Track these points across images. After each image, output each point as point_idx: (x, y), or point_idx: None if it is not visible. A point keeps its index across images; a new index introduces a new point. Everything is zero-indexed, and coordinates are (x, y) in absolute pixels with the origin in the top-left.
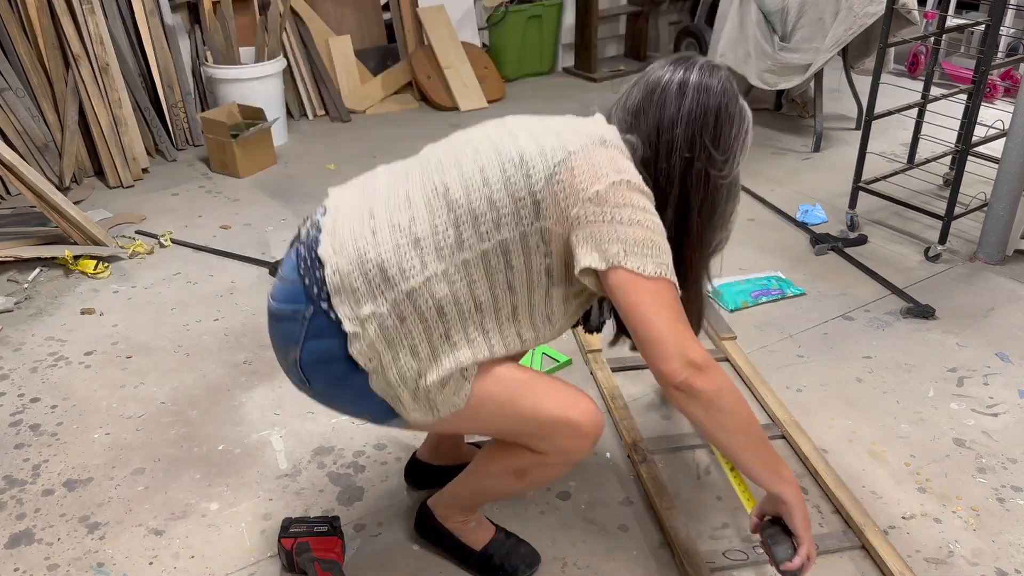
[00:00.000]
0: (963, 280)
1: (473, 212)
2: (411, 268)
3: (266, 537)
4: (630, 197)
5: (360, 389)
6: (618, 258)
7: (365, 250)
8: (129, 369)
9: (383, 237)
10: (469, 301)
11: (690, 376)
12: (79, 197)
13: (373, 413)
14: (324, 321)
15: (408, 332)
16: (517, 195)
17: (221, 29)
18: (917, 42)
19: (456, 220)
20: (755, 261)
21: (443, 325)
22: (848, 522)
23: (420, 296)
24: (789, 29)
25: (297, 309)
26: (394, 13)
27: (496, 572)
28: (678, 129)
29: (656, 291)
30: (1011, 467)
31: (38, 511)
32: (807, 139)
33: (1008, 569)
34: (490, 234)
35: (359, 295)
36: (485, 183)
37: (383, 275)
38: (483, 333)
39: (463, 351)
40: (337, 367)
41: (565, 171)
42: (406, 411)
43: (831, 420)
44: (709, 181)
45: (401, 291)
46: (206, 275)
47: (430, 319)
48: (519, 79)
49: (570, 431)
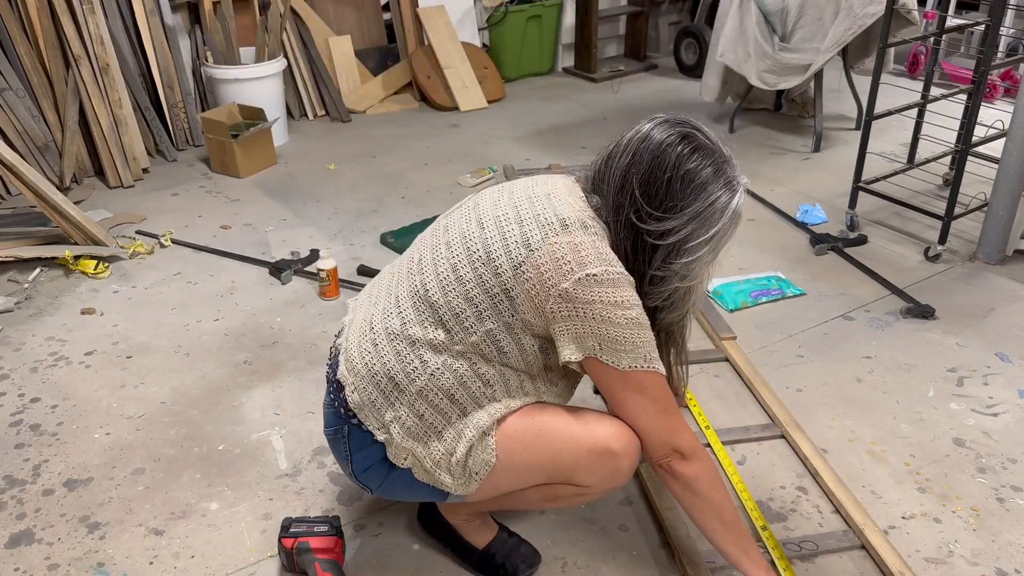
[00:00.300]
0: (963, 280)
1: (454, 310)
2: (414, 370)
3: (266, 537)
4: (597, 293)
5: (409, 481)
6: (593, 351)
7: (372, 364)
8: (129, 369)
9: (383, 348)
10: (476, 382)
11: (672, 460)
12: (79, 197)
13: (431, 495)
14: (359, 433)
15: (430, 425)
16: (491, 291)
17: (221, 29)
18: (917, 42)
19: (440, 319)
20: (755, 261)
21: (458, 408)
22: (848, 522)
23: (430, 391)
24: (789, 29)
25: (338, 430)
26: (394, 13)
27: (497, 571)
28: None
29: (635, 384)
30: (1011, 467)
31: (38, 511)
32: (807, 139)
33: (1008, 569)
34: (474, 327)
35: (378, 406)
36: (459, 282)
37: (392, 383)
38: (495, 401)
39: (481, 417)
40: (383, 468)
41: (530, 267)
42: (450, 489)
43: (831, 420)
44: (633, 229)
45: (412, 393)
46: (206, 275)
47: (444, 407)
48: (519, 79)
49: (607, 459)
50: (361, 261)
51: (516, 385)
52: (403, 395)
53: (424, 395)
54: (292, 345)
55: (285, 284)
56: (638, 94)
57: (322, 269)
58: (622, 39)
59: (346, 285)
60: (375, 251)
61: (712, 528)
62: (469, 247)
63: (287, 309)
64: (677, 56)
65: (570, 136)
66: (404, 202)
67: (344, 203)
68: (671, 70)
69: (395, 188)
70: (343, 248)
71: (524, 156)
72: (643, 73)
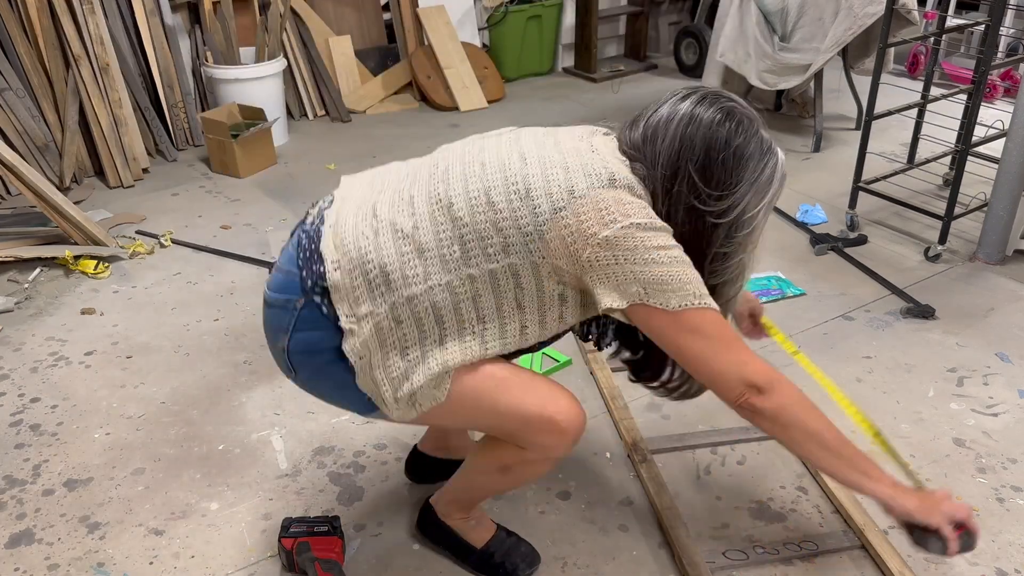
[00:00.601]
0: (963, 280)
1: (479, 233)
2: (414, 275)
3: (266, 537)
4: (641, 238)
5: (344, 381)
6: (639, 296)
7: (366, 250)
8: (129, 369)
9: (385, 240)
10: (472, 313)
11: (750, 397)
12: (79, 197)
13: (356, 405)
14: (315, 313)
15: (403, 335)
16: (524, 229)
17: (221, 29)
18: (917, 42)
19: (461, 237)
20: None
21: (439, 331)
22: (848, 522)
23: (420, 303)
24: (789, 29)
25: (289, 299)
26: (394, 13)
27: (496, 570)
28: (662, 151)
29: (690, 325)
30: (1011, 467)
31: (38, 511)
32: (807, 139)
33: (1008, 569)
34: (498, 256)
35: (358, 294)
36: (491, 207)
37: (385, 278)
38: (481, 341)
39: (453, 354)
40: (323, 358)
41: (571, 215)
42: (387, 407)
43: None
44: (693, 213)
45: (402, 295)
46: (206, 275)
47: (427, 325)
48: (519, 79)
49: (549, 428)
50: None
51: (514, 332)
52: (390, 294)
53: (412, 303)
54: None
55: None
56: (638, 94)
57: None
58: (622, 39)
59: None
60: None
61: (819, 456)
62: (508, 177)
63: None
64: (677, 56)
65: None
66: None
67: None
68: (671, 70)
69: None
70: None
71: None
72: (643, 73)
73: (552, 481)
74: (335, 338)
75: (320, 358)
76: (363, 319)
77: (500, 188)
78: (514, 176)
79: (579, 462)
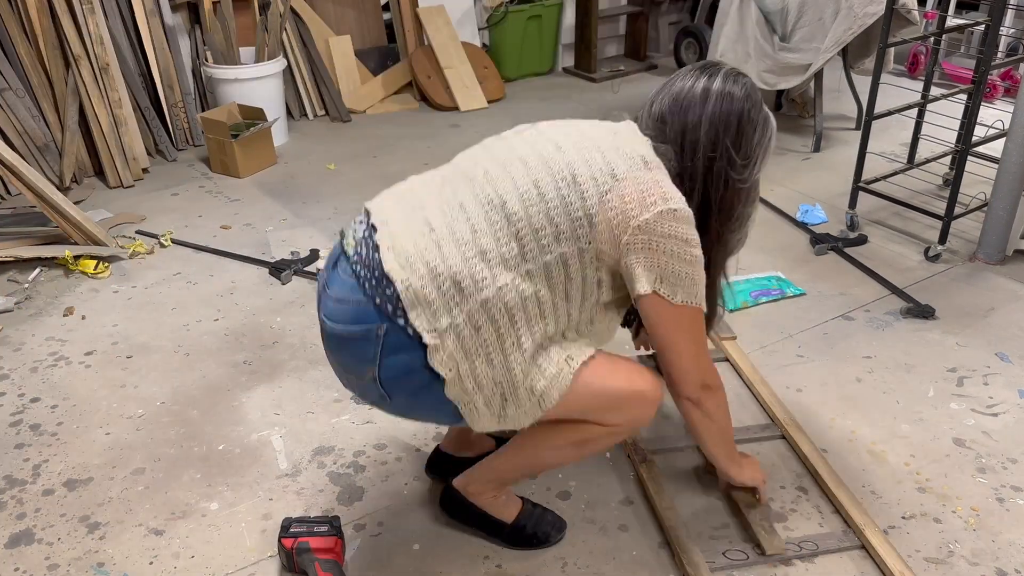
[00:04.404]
0: (963, 280)
1: (533, 226)
2: (483, 279)
3: (266, 537)
4: (675, 228)
5: (439, 397)
6: (655, 284)
7: (435, 264)
8: (129, 369)
9: (449, 250)
10: (535, 308)
11: (702, 396)
12: (79, 197)
13: (449, 418)
14: (399, 336)
15: (484, 341)
16: (574, 215)
17: (221, 29)
18: (917, 42)
19: (517, 233)
20: (755, 261)
21: (515, 332)
22: (848, 522)
23: (494, 305)
24: (789, 29)
25: (369, 328)
26: (394, 13)
27: (530, 540)
28: (701, 131)
29: (680, 318)
30: (1011, 467)
31: (38, 511)
32: (807, 139)
33: (1008, 569)
34: (551, 247)
35: (435, 308)
36: (542, 198)
37: (457, 287)
38: (546, 334)
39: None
40: (417, 378)
41: (616, 197)
42: (478, 415)
43: (831, 420)
44: (729, 183)
45: (476, 301)
46: (206, 275)
47: (503, 326)
48: (519, 79)
49: (639, 401)
50: None
51: (563, 324)
52: (465, 302)
53: (487, 307)
54: (292, 345)
55: (285, 284)
56: (638, 94)
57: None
58: (622, 39)
59: None
60: None
61: (714, 444)
62: (551, 167)
63: (287, 309)
64: (677, 56)
65: None
66: None
67: (344, 203)
68: (671, 70)
69: None
70: None
71: None
72: (643, 73)
73: (552, 481)
74: (424, 356)
75: (414, 378)
76: (445, 332)
77: (547, 179)
78: (557, 165)
79: (579, 462)
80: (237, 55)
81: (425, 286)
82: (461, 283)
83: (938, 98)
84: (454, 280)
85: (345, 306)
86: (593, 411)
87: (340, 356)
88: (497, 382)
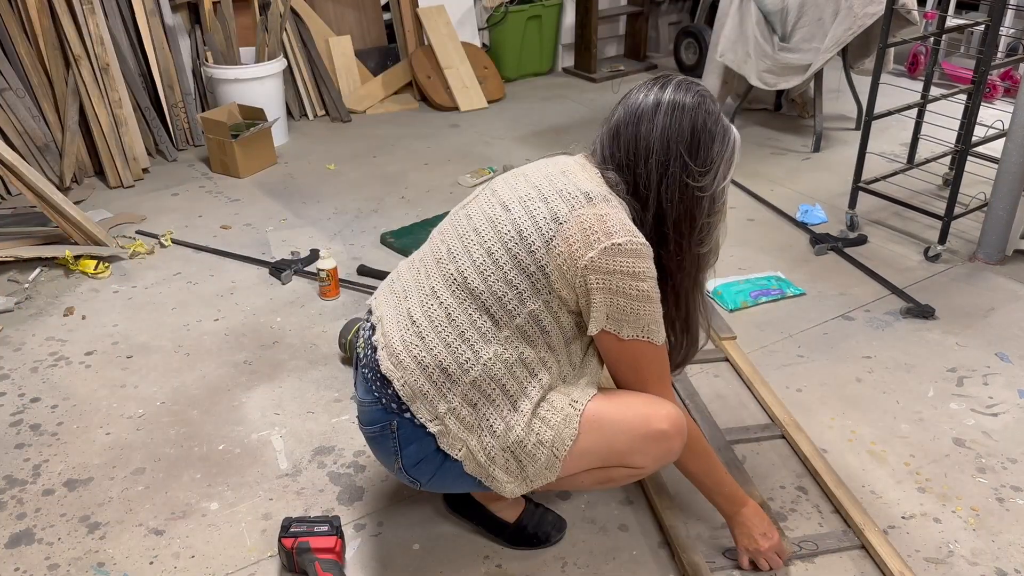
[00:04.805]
0: (963, 280)
1: (496, 295)
2: (467, 360)
3: (266, 537)
4: (620, 263)
5: (461, 473)
6: (603, 323)
7: (422, 356)
8: (129, 369)
9: (431, 340)
10: (522, 370)
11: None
12: (79, 197)
13: (482, 487)
14: (410, 428)
15: (483, 416)
16: (528, 271)
17: (221, 29)
18: (917, 42)
19: (484, 305)
20: (755, 261)
21: (509, 400)
22: (848, 522)
23: (483, 381)
24: (789, 29)
25: (384, 426)
26: (394, 13)
27: (531, 540)
28: (652, 138)
29: (633, 354)
30: (1011, 467)
31: (38, 511)
32: (807, 139)
33: (1008, 569)
34: (517, 310)
35: (431, 397)
36: (496, 265)
37: (445, 374)
38: (542, 388)
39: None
40: (435, 460)
41: (561, 241)
42: (502, 484)
43: (831, 420)
44: (686, 190)
45: (465, 383)
46: (206, 275)
47: (497, 398)
48: (519, 79)
49: (658, 439)
50: (361, 261)
51: (557, 373)
52: (456, 386)
53: (477, 385)
54: (292, 345)
55: (285, 284)
56: None
57: (322, 269)
58: (622, 39)
59: (346, 285)
60: (375, 251)
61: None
62: (499, 230)
63: (287, 309)
64: (677, 56)
65: (570, 136)
66: (404, 202)
67: (344, 203)
68: (671, 70)
69: (395, 188)
70: (343, 248)
71: (524, 156)
72: (643, 73)
73: None
74: (435, 442)
75: (433, 462)
76: (445, 416)
77: (496, 243)
78: (503, 227)
79: None
80: (237, 55)
81: (417, 380)
82: (448, 369)
83: (938, 98)
84: (441, 368)
85: (365, 408)
86: (615, 455)
87: (374, 453)
88: (506, 448)
